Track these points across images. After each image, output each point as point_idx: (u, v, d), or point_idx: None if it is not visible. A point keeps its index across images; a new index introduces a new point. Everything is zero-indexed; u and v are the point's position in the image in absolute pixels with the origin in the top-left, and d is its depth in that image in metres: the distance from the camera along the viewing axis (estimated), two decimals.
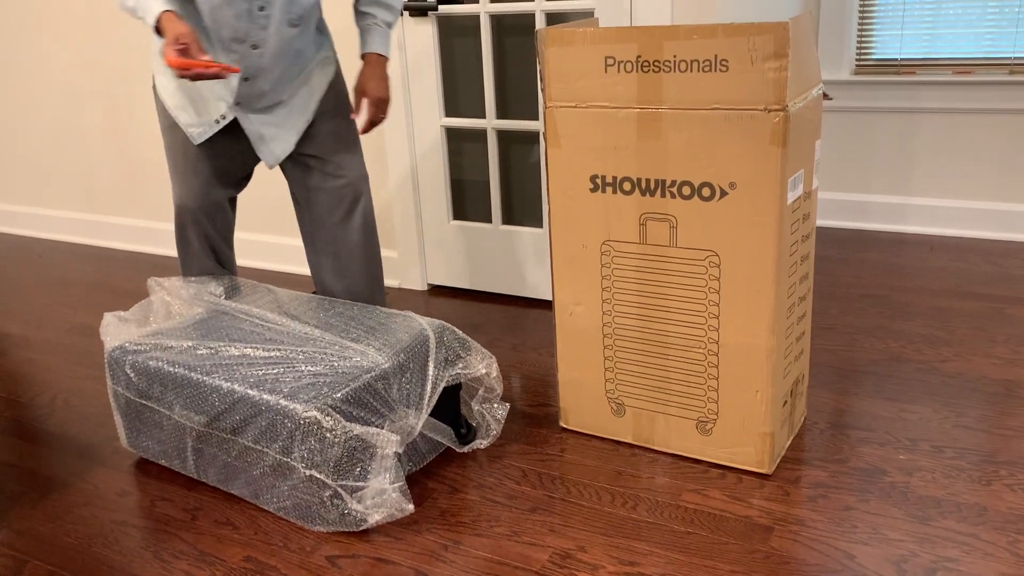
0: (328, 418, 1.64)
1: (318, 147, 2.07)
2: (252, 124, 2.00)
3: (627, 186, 1.73)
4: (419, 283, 3.00)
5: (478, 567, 1.57)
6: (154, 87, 2.07)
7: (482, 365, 1.93)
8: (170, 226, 3.61)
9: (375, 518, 1.66)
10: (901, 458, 1.82)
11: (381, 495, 1.67)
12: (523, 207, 2.78)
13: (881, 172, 3.26)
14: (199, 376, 1.80)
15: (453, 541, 1.65)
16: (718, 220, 1.66)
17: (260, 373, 1.76)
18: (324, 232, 2.12)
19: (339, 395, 1.69)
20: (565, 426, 2.02)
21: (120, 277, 3.39)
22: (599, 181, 1.76)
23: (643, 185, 1.71)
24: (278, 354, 1.83)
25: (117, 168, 3.66)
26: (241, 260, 3.40)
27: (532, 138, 2.69)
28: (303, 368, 1.77)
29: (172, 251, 3.62)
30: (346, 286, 2.15)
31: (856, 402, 2.05)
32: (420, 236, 2.94)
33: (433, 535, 1.68)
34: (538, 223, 2.75)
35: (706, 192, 1.65)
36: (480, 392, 1.95)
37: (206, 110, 2.00)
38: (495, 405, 1.96)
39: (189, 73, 1.68)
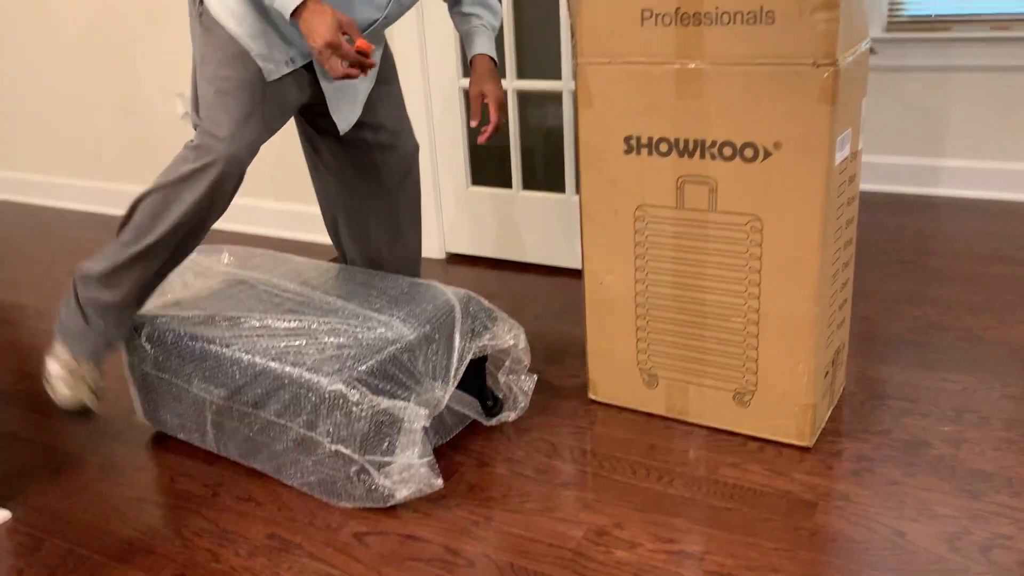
0: (354, 391, 1.58)
1: (379, 114, 1.97)
2: (330, 81, 1.82)
3: (664, 147, 1.65)
4: (438, 251, 2.92)
5: (510, 544, 1.52)
6: (200, 12, 1.72)
7: (509, 336, 1.86)
8: None
9: (403, 493, 1.60)
10: (946, 430, 1.75)
11: (409, 470, 1.61)
12: (544, 172, 2.70)
13: (912, 133, 3.16)
14: (218, 348, 1.73)
15: (484, 517, 1.60)
16: (761, 183, 1.57)
17: (281, 345, 1.70)
18: (382, 201, 2.03)
19: (364, 367, 1.63)
20: (594, 398, 1.95)
21: None
22: (634, 142, 1.67)
23: (681, 146, 1.63)
24: (299, 325, 1.76)
25: (126, 134, 3.58)
26: (242, 226, 3.33)
27: (554, 99, 2.59)
28: (326, 339, 1.71)
29: None
30: (403, 255, 2.08)
31: (896, 372, 1.98)
32: (438, 203, 2.86)
33: (463, 511, 1.62)
34: (560, 188, 2.67)
35: (748, 153, 1.57)
36: (507, 363, 1.88)
37: (279, 44, 1.72)
38: (522, 377, 1.89)
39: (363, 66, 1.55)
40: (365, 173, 2.00)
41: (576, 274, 2.68)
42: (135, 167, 3.61)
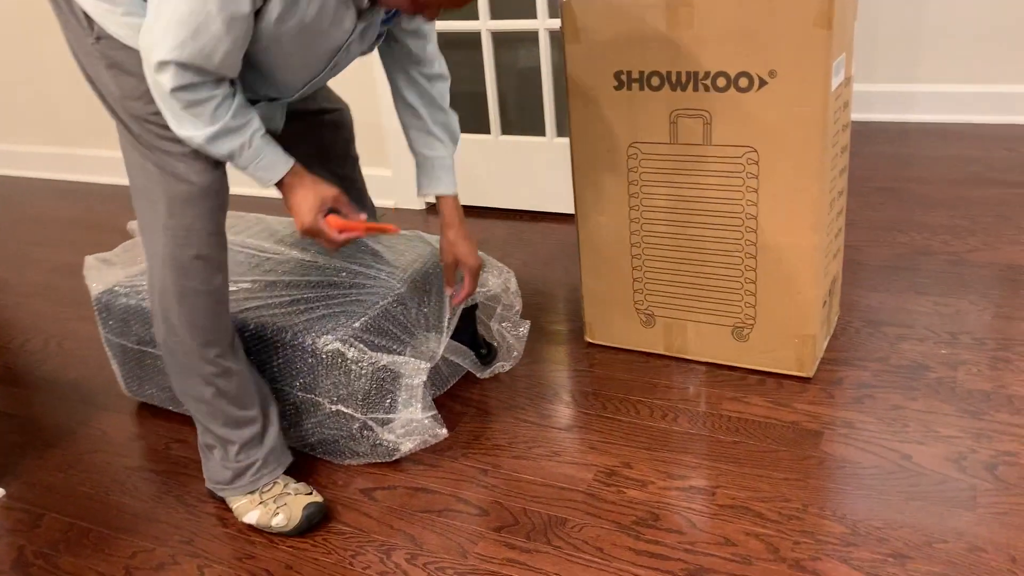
0: (352, 349, 1.54)
1: (317, 98, 1.77)
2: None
3: (655, 81, 1.61)
4: (417, 202, 2.87)
5: (522, 490, 1.51)
6: (98, 36, 1.31)
7: (499, 281, 1.83)
8: None
9: (408, 446, 1.58)
10: (943, 352, 1.77)
11: (412, 423, 1.58)
12: (523, 116, 2.64)
13: (886, 59, 3.14)
14: None
15: (492, 465, 1.58)
16: (757, 113, 1.54)
17: (268, 307, 1.65)
18: (336, 164, 1.84)
19: (358, 324, 1.59)
20: (591, 341, 1.94)
21: (98, 212, 3.23)
22: (624, 78, 1.63)
23: (673, 79, 1.59)
24: (284, 286, 1.71)
25: (82, 99, 3.45)
26: None
27: (530, 39, 2.53)
28: (313, 299, 1.66)
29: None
30: (369, 212, 1.98)
31: (888, 298, 1.99)
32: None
33: (469, 460, 1.61)
34: (540, 132, 2.62)
35: (743, 83, 1.53)
36: (498, 311, 1.85)
37: None
38: (515, 323, 1.86)
39: (348, 239, 1.39)
40: (317, 137, 1.82)
41: (562, 218, 2.65)
42: (96, 132, 3.49)
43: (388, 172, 2.87)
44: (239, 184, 3.21)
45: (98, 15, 1.23)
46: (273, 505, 1.46)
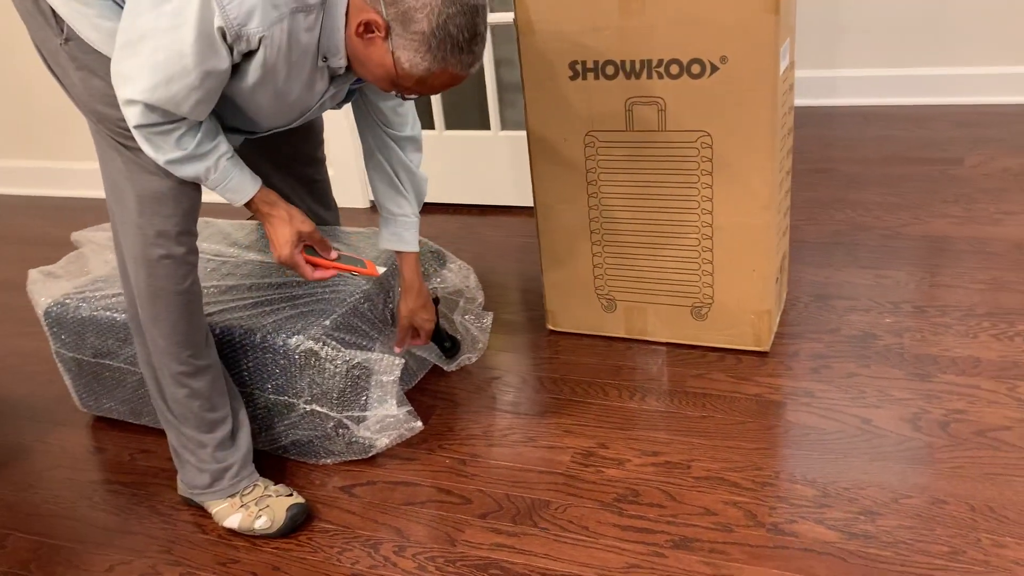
0: (325, 348, 1.53)
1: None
2: None
3: (610, 70, 1.64)
4: (360, 200, 2.85)
5: (503, 476, 1.53)
6: (67, 38, 1.28)
7: (460, 276, 1.85)
8: (74, 164, 3.32)
9: (384, 442, 1.58)
10: (888, 321, 1.86)
11: (387, 419, 1.59)
12: (466, 110, 2.66)
13: (808, 47, 3.26)
14: None
15: (470, 455, 1.60)
16: (709, 98, 1.59)
17: (233, 311, 1.63)
18: (304, 165, 1.81)
19: (328, 322, 1.58)
20: (554, 328, 1.97)
21: (25, 225, 3.11)
22: (579, 67, 1.66)
23: (628, 68, 1.63)
24: (246, 288, 1.69)
25: (12, 106, 3.31)
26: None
27: None
28: (278, 299, 1.65)
29: (77, 192, 3.34)
30: (335, 217, 1.95)
31: (832, 273, 2.08)
32: (356, 150, 2.78)
33: (446, 452, 1.62)
34: (485, 125, 2.64)
35: (695, 69, 1.58)
36: (461, 303, 1.87)
37: None
38: (478, 315, 1.88)
39: (322, 277, 1.41)
40: (286, 143, 1.75)
41: (511, 211, 2.68)
42: (17, 142, 3.36)
43: (330, 171, 2.84)
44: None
45: (69, 15, 1.20)
46: (255, 508, 1.45)
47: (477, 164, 2.67)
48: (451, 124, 2.68)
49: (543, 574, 1.31)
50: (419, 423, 1.58)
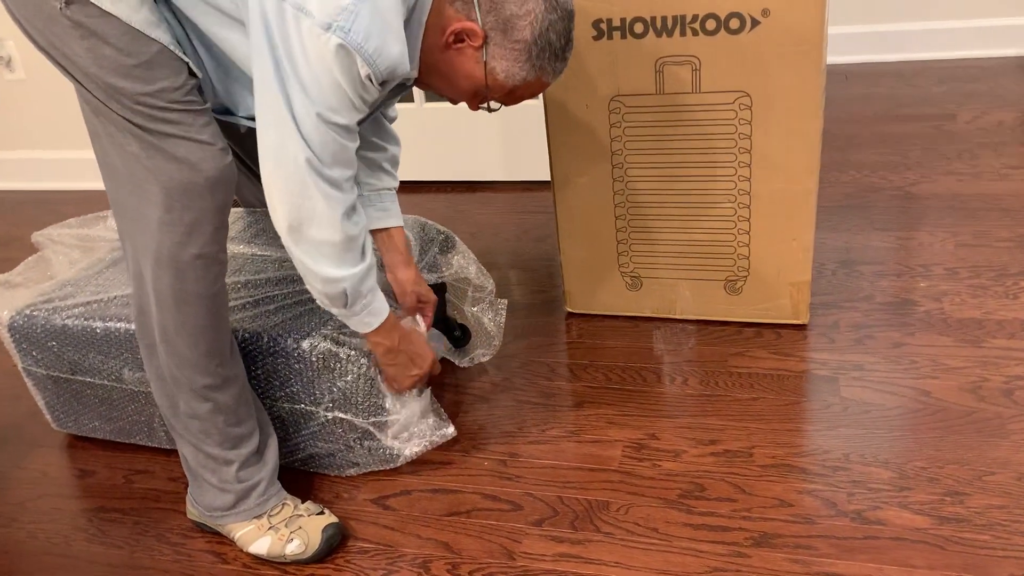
0: (343, 348, 1.38)
1: None
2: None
3: (639, 28, 1.51)
4: None
5: (551, 477, 1.40)
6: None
7: (469, 262, 1.67)
8: (10, 154, 3.04)
9: (414, 450, 1.43)
10: (923, 286, 1.78)
11: (416, 423, 1.44)
12: None
13: None
14: None
15: (509, 455, 1.47)
16: (749, 55, 1.48)
17: (232, 313, 1.45)
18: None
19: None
20: (572, 310, 1.84)
21: None
22: (604, 26, 1.53)
23: (658, 24, 1.50)
24: (242, 287, 1.52)
25: None
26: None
27: None
28: (280, 296, 1.48)
29: (12, 184, 3.06)
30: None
31: (852, 238, 1.99)
32: None
33: (482, 452, 1.48)
34: None
35: (734, 24, 1.46)
36: (469, 293, 1.70)
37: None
38: (491, 304, 1.70)
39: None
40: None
41: (498, 186, 2.53)
42: None
43: None
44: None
45: None
46: (285, 530, 1.29)
47: (460, 138, 2.51)
48: (431, 96, 2.51)
49: None
50: (452, 428, 1.44)
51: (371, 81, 1.05)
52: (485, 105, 1.22)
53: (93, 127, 1.12)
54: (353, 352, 1.38)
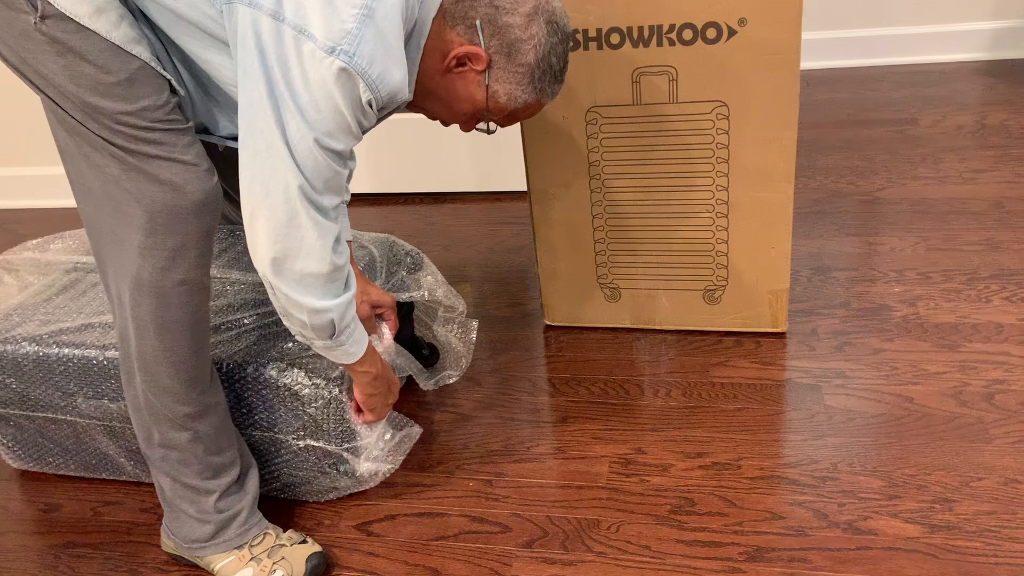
0: (314, 376, 1.33)
1: None
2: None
3: (615, 38, 1.50)
4: None
5: (539, 496, 1.38)
6: (43, 14, 0.99)
7: (437, 283, 1.62)
8: None
9: (389, 467, 1.38)
10: (897, 291, 1.79)
11: (388, 440, 1.39)
12: None
13: None
14: (114, 355, 1.38)
15: (495, 475, 1.44)
16: (726, 65, 1.47)
17: None
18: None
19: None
20: (550, 323, 1.82)
21: None
22: (580, 37, 1.51)
23: (635, 35, 1.48)
24: None
25: None
26: (53, 200, 2.82)
27: None
28: (245, 321, 1.42)
29: None
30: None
31: (824, 244, 2.00)
32: None
33: (467, 472, 1.45)
34: None
35: (711, 33, 1.45)
36: (440, 312, 1.65)
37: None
38: (461, 324, 1.64)
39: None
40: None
41: (467, 197, 2.50)
42: None
43: None
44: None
45: None
46: (268, 560, 1.24)
47: (431, 149, 2.47)
48: None
49: None
50: (417, 427, 1.40)
51: (371, 107, 1.02)
52: (484, 127, 1.19)
53: (67, 147, 1.07)
54: (320, 380, 1.33)
